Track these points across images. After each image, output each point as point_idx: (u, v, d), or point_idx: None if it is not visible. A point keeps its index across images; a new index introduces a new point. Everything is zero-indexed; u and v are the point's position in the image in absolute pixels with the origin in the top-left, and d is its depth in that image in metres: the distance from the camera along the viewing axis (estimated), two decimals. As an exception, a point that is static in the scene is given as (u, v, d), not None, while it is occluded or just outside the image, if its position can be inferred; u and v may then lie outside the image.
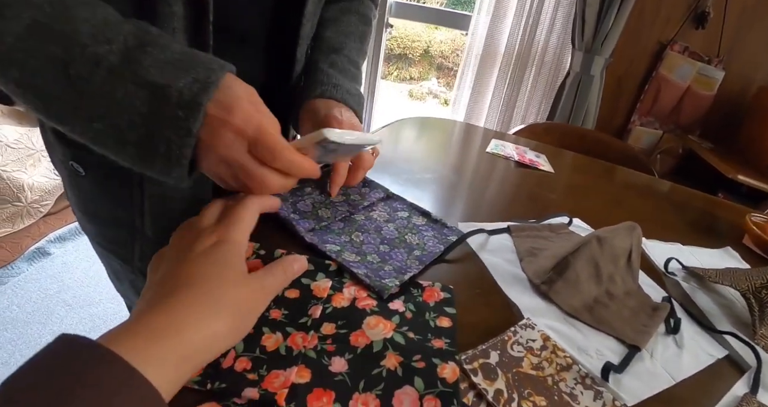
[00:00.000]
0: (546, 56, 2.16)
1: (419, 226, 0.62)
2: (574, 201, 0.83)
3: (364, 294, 0.50)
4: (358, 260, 0.54)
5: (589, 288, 0.54)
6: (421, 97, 4.79)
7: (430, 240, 0.59)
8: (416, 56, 4.98)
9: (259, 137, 0.42)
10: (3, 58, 0.37)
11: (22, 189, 1.95)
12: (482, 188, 0.82)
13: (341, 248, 0.56)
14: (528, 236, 0.64)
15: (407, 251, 0.57)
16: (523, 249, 0.61)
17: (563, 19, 2.08)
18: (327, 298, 0.49)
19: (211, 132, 0.41)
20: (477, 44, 2.22)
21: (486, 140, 1.08)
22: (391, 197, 0.68)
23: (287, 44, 0.64)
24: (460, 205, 0.74)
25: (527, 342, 0.47)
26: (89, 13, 0.39)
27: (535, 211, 0.76)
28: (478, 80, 2.28)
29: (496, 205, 0.76)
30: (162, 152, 0.40)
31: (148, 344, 0.28)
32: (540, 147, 1.09)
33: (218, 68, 0.42)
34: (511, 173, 0.91)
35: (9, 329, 1.68)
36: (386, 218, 0.62)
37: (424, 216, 0.64)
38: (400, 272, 0.52)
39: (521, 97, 2.25)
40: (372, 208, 0.64)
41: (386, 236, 0.59)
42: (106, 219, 0.68)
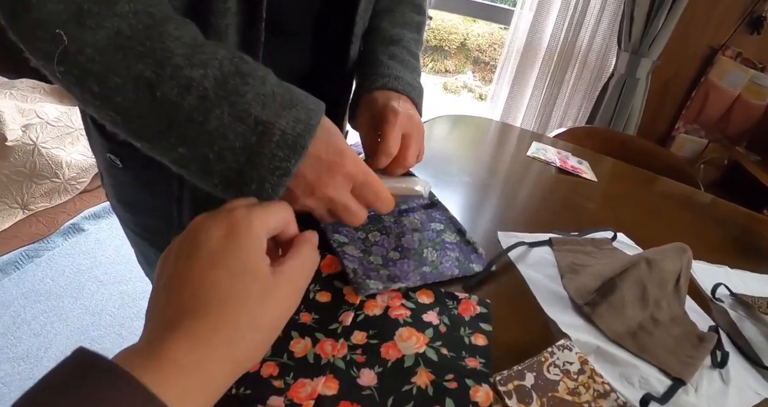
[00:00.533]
0: (589, 56, 2.08)
1: (447, 243, 0.57)
2: (616, 213, 0.79)
3: (397, 303, 0.48)
4: (358, 256, 0.53)
5: (634, 313, 0.51)
6: (455, 91, 4.73)
7: (449, 262, 0.54)
8: (452, 49, 4.91)
9: (366, 180, 0.43)
10: (81, 69, 0.35)
11: (60, 166, 2.00)
12: (521, 194, 0.79)
13: (348, 242, 0.55)
14: (570, 250, 0.61)
15: (417, 264, 0.53)
16: (564, 265, 0.58)
17: (610, 17, 2.00)
18: (359, 304, 0.47)
19: (317, 173, 0.41)
20: (518, 40, 2.16)
21: (522, 142, 1.04)
22: (434, 206, 0.64)
23: (339, 41, 0.63)
24: (496, 210, 0.71)
25: (564, 365, 0.45)
26: (180, 31, 0.37)
27: (576, 222, 0.72)
28: (518, 77, 2.22)
29: (535, 213, 0.73)
30: (253, 189, 0.38)
31: (171, 375, 0.25)
32: (580, 152, 1.05)
33: (317, 109, 0.41)
34: (552, 179, 0.88)
35: (42, 301, 1.73)
36: (416, 227, 0.59)
37: (458, 234, 0.59)
38: (391, 280, 0.50)
39: (561, 97, 2.18)
40: (408, 213, 0.61)
41: (404, 244, 0.56)
42: (143, 208, 0.68)
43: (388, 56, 0.67)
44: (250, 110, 0.37)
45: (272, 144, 0.37)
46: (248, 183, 0.38)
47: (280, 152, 0.38)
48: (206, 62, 0.36)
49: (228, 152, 0.37)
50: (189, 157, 0.37)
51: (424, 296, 0.50)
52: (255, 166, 0.37)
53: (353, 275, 0.49)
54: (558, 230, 0.66)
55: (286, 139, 0.38)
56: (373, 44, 0.68)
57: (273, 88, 0.39)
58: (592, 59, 2.09)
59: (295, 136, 0.38)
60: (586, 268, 0.57)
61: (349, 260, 0.52)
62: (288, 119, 0.39)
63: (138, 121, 0.36)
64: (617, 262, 0.56)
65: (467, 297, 0.50)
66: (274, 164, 0.37)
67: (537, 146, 1.01)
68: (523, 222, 0.69)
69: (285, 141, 0.38)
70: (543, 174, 0.89)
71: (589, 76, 2.11)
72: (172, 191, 0.59)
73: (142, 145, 0.38)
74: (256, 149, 0.37)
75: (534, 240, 0.62)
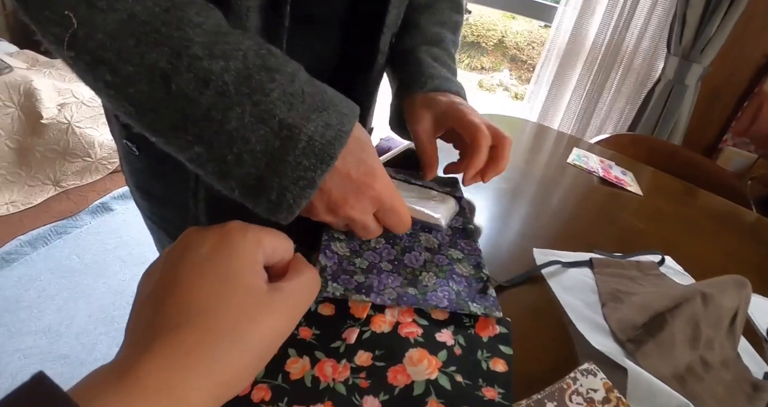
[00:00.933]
0: (635, 59, 1.98)
1: (455, 274, 0.49)
2: (663, 232, 0.73)
3: (408, 319, 0.44)
4: (342, 253, 0.49)
5: (683, 354, 0.45)
6: (490, 89, 4.63)
7: (444, 292, 0.46)
8: (490, 46, 4.80)
9: (393, 206, 0.41)
10: (92, 55, 0.31)
11: (93, 145, 2.02)
12: (557, 205, 0.74)
13: (343, 238, 0.51)
14: (612, 274, 0.56)
15: (404, 283, 0.47)
16: (606, 291, 0.53)
17: (660, 19, 1.89)
18: (366, 319, 0.43)
19: (343, 191, 0.38)
20: (560, 39, 2.07)
21: (559, 146, 0.98)
22: (463, 232, 0.57)
23: (369, 31, 0.59)
24: (529, 222, 0.66)
25: (588, 393, 0.40)
26: (202, 17, 0.33)
27: (619, 240, 0.67)
28: (558, 78, 2.13)
29: (573, 227, 0.68)
30: (273, 198, 0.35)
31: (138, 399, 0.22)
32: (623, 162, 0.98)
33: (351, 113, 0.38)
34: (593, 190, 0.82)
35: (66, 277, 1.76)
36: (430, 246, 0.53)
37: (475, 267, 0.51)
38: (359, 290, 0.45)
39: (602, 101, 2.09)
40: (429, 229, 0.56)
41: (405, 260, 0.51)
42: (159, 198, 0.66)
43: (432, 58, 0.64)
44: (275, 111, 0.34)
45: (297, 151, 0.34)
46: (268, 191, 0.35)
47: (305, 161, 0.34)
48: (228, 54, 0.33)
49: (248, 155, 0.34)
50: (205, 157, 0.34)
51: (438, 313, 0.45)
52: (277, 173, 0.34)
53: (320, 272, 0.46)
54: (599, 249, 0.61)
55: (313, 146, 0.34)
56: (413, 42, 0.65)
57: (302, 87, 0.36)
58: (638, 63, 1.99)
59: (324, 144, 0.35)
60: (630, 297, 0.52)
61: (327, 257, 0.48)
62: (317, 123, 0.35)
63: (152, 114, 0.33)
64: (667, 293, 0.50)
65: (486, 314, 0.46)
66: (298, 174, 0.34)
67: (578, 153, 0.95)
68: (560, 237, 0.64)
69: (312, 148, 0.34)
70: (583, 184, 0.83)
71: (633, 81, 2.01)
72: (188, 184, 0.57)
73: (156, 140, 0.35)
74: (278, 154, 0.34)
75: (572, 260, 0.57)
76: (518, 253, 0.58)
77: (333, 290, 0.44)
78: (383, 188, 0.40)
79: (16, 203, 1.87)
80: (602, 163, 0.93)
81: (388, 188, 0.41)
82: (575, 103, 2.13)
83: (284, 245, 0.32)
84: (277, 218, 0.36)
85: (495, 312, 0.45)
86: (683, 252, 0.67)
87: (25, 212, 1.89)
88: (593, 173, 0.87)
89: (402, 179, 0.61)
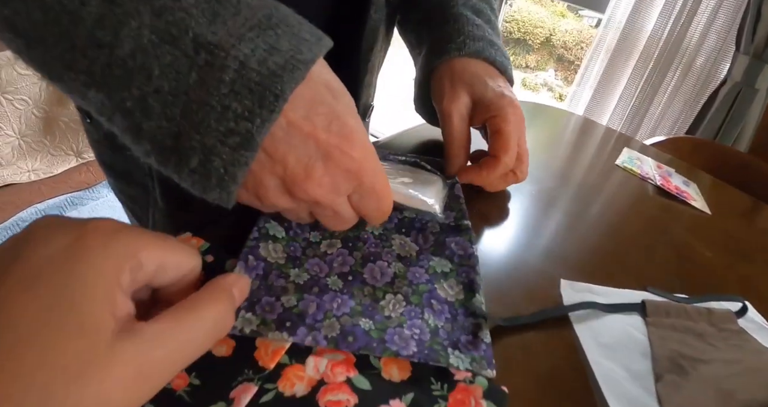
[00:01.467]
0: (698, 58, 1.75)
1: (435, 299, 0.33)
2: (738, 265, 0.54)
3: (340, 378, 0.28)
4: (273, 262, 0.34)
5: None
6: (534, 88, 4.46)
7: (414, 334, 0.30)
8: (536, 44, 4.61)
9: (374, 185, 0.29)
10: None
11: (108, 118, 2.04)
12: (599, 218, 0.56)
13: (281, 238, 0.36)
14: (674, 327, 0.38)
15: (354, 314, 0.31)
16: (663, 355, 0.35)
17: (729, 13, 1.65)
18: (273, 372, 0.27)
19: (305, 157, 0.26)
20: (611, 34, 1.86)
21: (606, 144, 0.79)
22: (456, 230, 0.40)
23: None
24: (559, 236, 0.49)
25: None
26: None
27: (680, 273, 0.49)
28: (605, 78, 1.92)
29: (618, 251, 0.50)
30: (194, 167, 0.24)
31: None
32: (684, 169, 0.79)
33: (313, 40, 0.26)
34: (647, 203, 0.63)
35: (77, 248, 1.78)
36: (403, 255, 0.37)
37: (465, 289, 0.35)
38: (279, 326, 0.29)
39: (655, 104, 1.86)
40: (411, 228, 0.40)
41: (363, 273, 0.35)
42: (121, 174, 0.57)
43: (473, 12, 0.50)
44: (188, 23, 0.22)
45: (223, 87, 0.22)
46: (188, 155, 0.24)
47: (235, 104, 0.23)
48: None
49: (154, 98, 0.23)
50: (108, 105, 0.24)
51: (394, 368, 0.29)
52: (196, 126, 0.23)
53: None
54: (653, 286, 0.43)
55: (248, 78, 0.22)
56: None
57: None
58: (701, 62, 1.75)
59: (266, 75, 0.23)
60: (699, 367, 0.34)
61: (248, 268, 0.32)
62: (256, 44, 0.23)
63: (39, 47, 0.23)
64: (760, 370, 0.32)
65: (469, 380, 0.29)
66: (227, 125, 0.23)
67: (630, 154, 0.76)
68: (598, 262, 0.47)
69: (246, 83, 0.22)
70: (634, 194, 0.65)
71: (694, 82, 1.78)
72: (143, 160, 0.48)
73: (60, 87, 0.25)
74: (197, 95, 0.23)
75: (616, 302, 0.40)
76: (537, 280, 0.41)
77: (242, 326, 0.29)
78: (365, 157, 0.28)
79: (38, 171, 1.88)
80: (660, 169, 0.74)
81: (370, 158, 0.28)
82: (623, 104, 1.91)
83: (181, 261, 0.24)
84: (209, 197, 0.26)
85: (486, 369, 0.29)
86: (766, 296, 0.49)
87: (45, 181, 1.89)
88: (648, 180, 0.68)
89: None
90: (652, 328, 0.38)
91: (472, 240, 0.39)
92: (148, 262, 0.22)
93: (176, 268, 0.24)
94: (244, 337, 0.28)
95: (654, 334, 0.37)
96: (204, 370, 0.26)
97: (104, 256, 0.20)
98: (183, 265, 0.24)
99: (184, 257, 0.24)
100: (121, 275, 0.20)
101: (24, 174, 1.84)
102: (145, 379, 0.19)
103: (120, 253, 0.20)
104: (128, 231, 0.21)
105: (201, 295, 0.23)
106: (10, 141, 1.76)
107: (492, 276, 0.40)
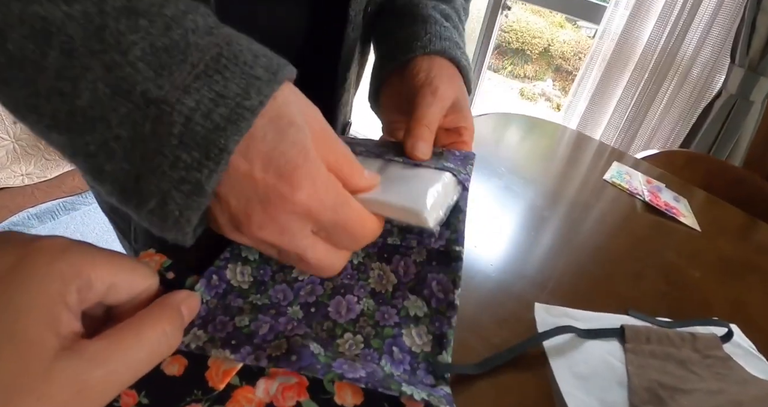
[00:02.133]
0: (693, 69, 1.74)
1: (397, 350, 0.31)
2: (727, 286, 0.52)
3: (291, 401, 0.26)
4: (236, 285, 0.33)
5: None
6: (532, 98, 4.46)
7: (368, 366, 0.29)
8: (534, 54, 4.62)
9: (337, 220, 0.27)
10: None
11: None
12: (583, 236, 0.54)
13: (253, 260, 0.34)
14: (654, 354, 0.37)
15: (305, 337, 0.29)
16: (641, 385, 0.33)
17: (724, 24, 1.64)
18: (223, 393, 0.26)
19: (244, 201, 0.25)
20: (606, 44, 1.85)
21: (598, 158, 0.78)
22: (445, 258, 0.35)
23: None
24: (538, 258, 0.47)
25: None
26: None
27: (666, 295, 0.47)
28: (601, 88, 1.91)
29: (601, 273, 0.48)
30: (153, 208, 0.25)
31: None
32: (675, 184, 0.77)
33: (266, 77, 0.25)
34: (635, 220, 0.62)
35: (67, 254, 1.80)
36: (378, 290, 0.35)
37: (436, 341, 0.32)
38: (226, 345, 0.28)
39: (651, 115, 1.85)
40: (392, 254, 0.36)
41: (329, 306, 0.33)
42: None
43: (442, 16, 0.49)
44: (136, 78, 0.23)
45: (173, 139, 0.23)
46: (147, 198, 0.24)
47: (185, 155, 0.23)
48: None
49: (115, 143, 0.23)
50: (69, 148, 0.25)
51: (348, 393, 0.28)
52: (153, 172, 0.24)
53: None
54: (636, 309, 0.42)
55: (194, 133, 0.23)
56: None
57: (186, 39, 0.23)
58: (696, 73, 1.74)
59: (210, 129, 0.23)
60: (678, 397, 0.33)
61: (211, 287, 0.31)
62: (201, 95, 0.23)
63: (5, 89, 0.24)
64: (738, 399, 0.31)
65: (428, 403, 0.27)
66: (179, 174, 0.23)
67: (619, 169, 0.74)
68: (580, 286, 0.45)
69: (192, 136, 0.23)
70: (621, 209, 0.63)
71: (689, 94, 1.77)
72: None
73: (23, 124, 0.26)
74: (152, 144, 0.23)
75: (594, 327, 0.38)
76: (511, 306, 0.39)
77: (189, 341, 0.28)
78: (312, 195, 0.25)
79: (32, 175, 1.88)
80: (649, 183, 0.72)
81: (322, 194, 0.26)
82: (618, 116, 1.90)
83: (134, 280, 0.24)
84: (167, 236, 0.26)
85: (445, 405, 0.27)
86: (755, 319, 0.47)
87: (38, 185, 1.89)
88: (636, 196, 0.67)
89: (369, 148, 0.38)
90: (630, 356, 0.36)
91: (457, 280, 0.34)
92: (98, 281, 0.22)
93: (129, 287, 0.24)
94: (196, 356, 0.28)
95: (632, 363, 0.35)
96: (154, 389, 0.26)
97: (49, 275, 0.20)
98: (136, 284, 0.24)
99: (137, 277, 0.24)
100: (67, 295, 0.20)
101: (18, 178, 1.84)
102: (84, 398, 0.20)
103: (65, 272, 0.21)
104: (78, 250, 0.22)
105: (146, 313, 0.23)
106: (4, 145, 1.76)
107: (465, 301, 0.38)
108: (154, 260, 0.33)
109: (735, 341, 0.42)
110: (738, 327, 0.44)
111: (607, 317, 0.40)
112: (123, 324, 0.22)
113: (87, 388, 0.20)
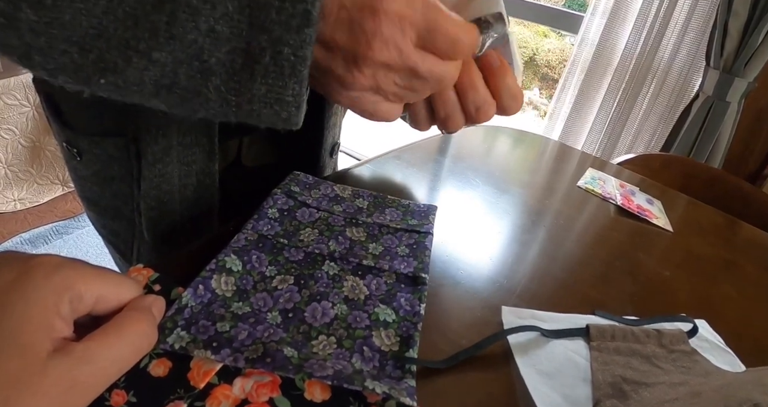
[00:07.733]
0: (670, 73, 1.78)
1: (367, 349, 0.33)
2: (696, 283, 0.54)
3: (264, 397, 0.28)
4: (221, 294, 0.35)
5: None
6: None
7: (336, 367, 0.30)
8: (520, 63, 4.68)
9: (430, 23, 0.29)
10: None
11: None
12: (554, 243, 0.56)
13: (236, 271, 0.37)
14: (618, 350, 0.38)
15: (280, 342, 0.32)
16: (604, 380, 0.35)
17: (698, 28, 1.69)
18: (203, 391, 0.28)
19: (348, 30, 0.28)
20: (586, 51, 1.89)
21: (582, 169, 0.80)
22: (412, 281, 0.40)
23: None
24: (508, 265, 0.48)
25: None
26: None
27: (635, 295, 0.49)
28: (582, 94, 1.95)
29: (572, 277, 0.50)
30: (270, 67, 0.27)
31: None
32: (651, 187, 0.79)
33: None
34: (608, 223, 0.63)
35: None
36: (351, 297, 0.37)
37: (402, 342, 0.34)
38: (208, 346, 0.30)
39: (632, 119, 1.89)
40: (366, 272, 0.40)
41: (305, 312, 0.35)
42: (105, 208, 0.59)
43: None
44: None
45: None
46: (260, 58, 0.27)
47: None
48: None
49: (221, 23, 0.26)
50: (172, 62, 0.27)
51: (317, 389, 0.29)
52: (261, 27, 0.26)
53: (174, 314, 0.32)
54: (604, 309, 0.43)
55: None
56: None
57: None
58: (674, 76, 1.78)
59: None
60: (641, 391, 0.34)
61: (196, 295, 0.33)
62: None
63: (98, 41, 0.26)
64: (701, 393, 0.32)
65: (379, 403, 0.29)
66: (286, 13, 0.26)
67: (593, 174, 0.76)
68: (549, 290, 0.46)
69: None
70: (594, 215, 0.65)
71: (668, 96, 1.81)
72: (133, 196, 0.52)
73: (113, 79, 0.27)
74: (256, 2, 0.26)
75: (560, 327, 0.39)
76: (479, 310, 0.41)
77: (173, 341, 0.30)
78: (400, 5, 0.28)
79: (24, 200, 1.88)
80: (622, 187, 0.74)
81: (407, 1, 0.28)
82: (601, 120, 1.94)
83: (121, 293, 0.27)
84: (285, 95, 0.29)
85: (406, 398, 0.28)
86: (724, 313, 0.49)
87: (31, 210, 1.90)
88: (609, 200, 0.69)
89: None
90: (595, 353, 0.37)
91: (422, 297, 0.38)
92: (87, 294, 0.25)
93: (116, 299, 0.27)
94: (180, 359, 0.30)
95: (597, 359, 0.37)
96: (141, 388, 0.28)
97: (45, 288, 0.23)
98: (123, 296, 0.27)
99: (123, 290, 0.27)
100: (60, 305, 0.23)
101: (10, 203, 1.84)
102: (76, 391, 0.23)
103: (59, 285, 0.23)
104: (70, 266, 0.25)
105: (125, 315, 0.26)
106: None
107: (434, 306, 0.39)
108: (142, 274, 0.35)
109: (702, 335, 0.43)
110: (707, 321, 0.46)
111: (574, 317, 0.41)
112: (106, 326, 0.25)
113: (78, 383, 0.23)
